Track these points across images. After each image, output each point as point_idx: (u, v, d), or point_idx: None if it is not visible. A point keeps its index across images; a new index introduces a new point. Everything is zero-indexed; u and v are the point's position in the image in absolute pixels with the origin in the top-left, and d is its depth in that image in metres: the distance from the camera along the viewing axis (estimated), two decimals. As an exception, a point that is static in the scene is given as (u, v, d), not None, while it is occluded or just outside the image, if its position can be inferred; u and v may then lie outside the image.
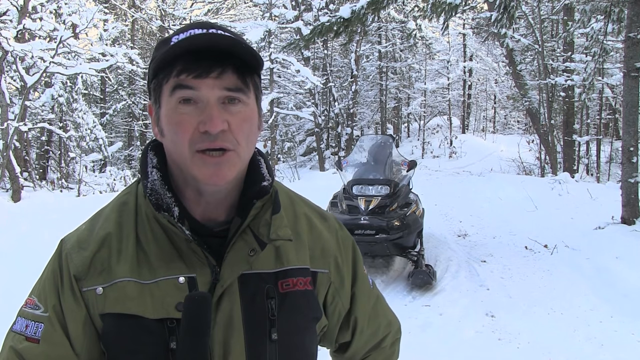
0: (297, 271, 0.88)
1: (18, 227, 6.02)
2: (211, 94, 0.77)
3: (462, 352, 3.53)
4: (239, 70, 0.78)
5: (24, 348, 0.79)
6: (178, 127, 0.77)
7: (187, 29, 0.81)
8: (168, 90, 0.78)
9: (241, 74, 0.79)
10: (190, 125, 0.77)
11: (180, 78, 0.76)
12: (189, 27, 0.81)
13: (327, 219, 0.99)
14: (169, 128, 0.79)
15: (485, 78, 26.36)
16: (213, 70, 0.76)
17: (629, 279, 4.55)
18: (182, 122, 0.77)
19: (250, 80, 0.81)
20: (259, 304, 0.84)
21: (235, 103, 0.79)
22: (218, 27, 0.81)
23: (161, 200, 0.82)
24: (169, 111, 0.78)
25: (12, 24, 10.66)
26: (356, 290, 0.99)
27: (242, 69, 0.79)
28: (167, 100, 0.78)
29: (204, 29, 0.79)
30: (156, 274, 0.81)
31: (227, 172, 0.79)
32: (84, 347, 0.81)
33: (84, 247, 0.84)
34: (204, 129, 0.76)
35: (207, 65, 0.76)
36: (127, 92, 19.65)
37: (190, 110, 0.77)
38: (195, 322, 0.72)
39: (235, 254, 0.82)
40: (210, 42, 0.76)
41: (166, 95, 0.79)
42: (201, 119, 0.76)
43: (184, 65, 0.76)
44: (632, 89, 6.13)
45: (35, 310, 0.82)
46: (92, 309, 0.80)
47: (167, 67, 0.77)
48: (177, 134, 0.78)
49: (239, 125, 0.79)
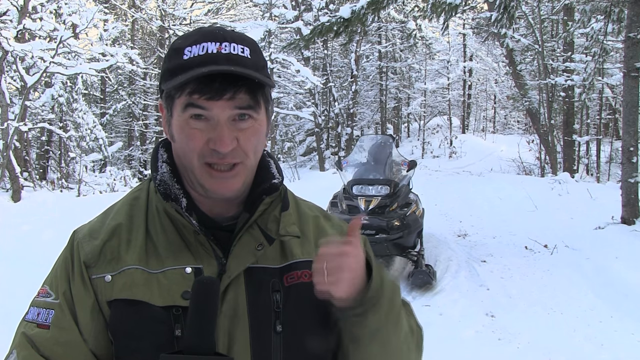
0: (302, 264, 0.89)
1: (18, 227, 6.02)
2: (222, 114, 0.79)
3: (462, 352, 3.53)
4: (251, 89, 0.80)
5: (35, 334, 0.81)
6: (188, 139, 0.80)
7: (199, 40, 0.80)
8: (180, 105, 0.80)
9: (253, 92, 0.80)
10: (201, 140, 0.80)
11: (192, 97, 0.78)
12: (202, 39, 0.80)
13: (331, 219, 1.02)
14: (180, 137, 0.82)
15: (485, 78, 26.36)
16: (226, 92, 0.78)
17: (629, 279, 4.55)
18: (193, 136, 0.80)
19: (261, 96, 0.82)
20: (264, 297, 0.85)
21: (246, 119, 0.81)
22: (230, 38, 0.81)
23: (169, 190, 0.85)
24: (181, 123, 0.81)
25: (12, 24, 10.64)
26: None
27: (254, 88, 0.80)
28: (179, 114, 0.81)
29: (217, 43, 0.80)
30: (164, 264, 0.83)
31: (234, 184, 0.83)
32: (92, 333, 0.82)
33: (95, 236, 0.86)
34: (213, 147, 0.79)
35: (220, 88, 0.77)
36: (127, 92, 19.63)
37: (201, 125, 0.80)
38: (203, 305, 0.73)
39: (242, 247, 0.85)
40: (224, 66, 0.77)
41: (178, 108, 0.81)
42: (211, 136, 0.79)
43: (197, 85, 0.77)
44: (632, 89, 6.13)
45: (47, 298, 0.84)
46: (100, 296, 0.82)
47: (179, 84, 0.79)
48: (188, 146, 0.81)
49: (248, 139, 0.82)
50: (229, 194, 0.83)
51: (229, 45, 0.80)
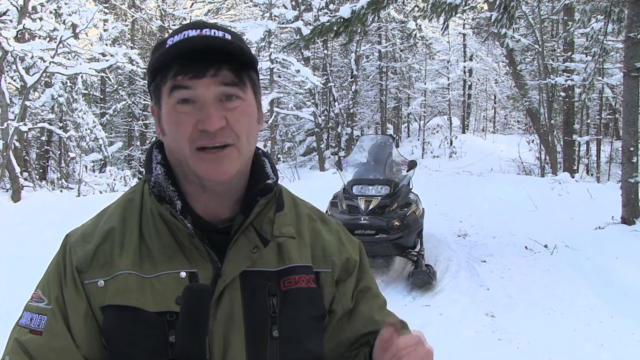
0: (300, 269, 0.88)
1: (18, 227, 6.02)
2: (208, 92, 0.79)
3: (462, 352, 3.53)
4: (234, 67, 0.80)
5: (28, 340, 0.80)
6: (178, 126, 0.80)
7: (181, 30, 0.83)
8: (166, 91, 0.80)
9: (236, 70, 0.81)
10: (189, 124, 0.79)
11: (177, 79, 0.79)
12: (183, 29, 0.83)
13: (329, 222, 1.00)
14: (169, 127, 0.81)
15: (485, 78, 26.35)
16: (208, 70, 0.78)
17: (629, 279, 4.55)
18: (181, 121, 0.79)
19: (246, 76, 0.83)
20: (261, 301, 0.84)
21: (233, 99, 0.81)
22: (212, 26, 0.83)
23: (164, 192, 0.83)
24: (169, 111, 0.81)
25: (12, 24, 10.64)
26: (361, 289, 0.98)
27: (237, 66, 0.81)
28: (166, 101, 0.81)
29: (197, 29, 0.82)
30: (158, 268, 0.82)
31: (227, 167, 0.81)
32: (85, 339, 0.81)
33: (87, 240, 0.85)
34: (202, 128, 0.78)
35: (203, 65, 0.78)
36: (127, 92, 19.63)
37: (188, 109, 0.79)
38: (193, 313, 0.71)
39: (237, 251, 0.83)
40: (203, 43, 0.79)
41: (165, 96, 0.81)
42: (199, 117, 0.78)
43: (180, 67, 0.78)
44: (632, 89, 6.13)
45: (39, 303, 0.83)
46: (93, 301, 0.81)
47: (163, 69, 0.80)
48: (177, 133, 0.80)
49: (238, 119, 0.81)
50: (223, 178, 0.81)
51: (209, 31, 0.81)
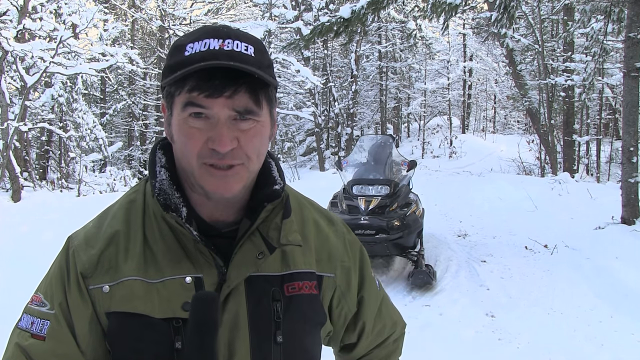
0: (304, 275, 0.88)
1: (18, 227, 6.02)
2: (222, 113, 0.76)
3: (462, 352, 3.53)
4: (252, 87, 0.76)
5: (30, 345, 0.79)
6: (188, 139, 0.77)
7: (201, 37, 0.78)
8: (180, 103, 0.77)
9: (254, 91, 0.77)
10: (200, 140, 0.77)
11: (192, 95, 0.75)
12: (204, 36, 0.78)
13: (335, 223, 0.99)
14: (179, 138, 0.79)
15: (485, 78, 26.35)
16: (225, 90, 0.75)
17: (629, 279, 4.54)
18: (192, 135, 0.77)
19: (264, 96, 0.79)
20: (265, 306, 0.83)
21: (247, 119, 0.78)
22: (234, 35, 0.78)
23: (169, 200, 0.82)
24: (180, 122, 0.78)
25: (12, 24, 10.64)
26: (364, 294, 0.99)
27: (256, 87, 0.77)
28: (179, 112, 0.78)
29: (219, 40, 0.77)
30: (163, 274, 0.81)
31: (234, 185, 0.79)
32: (90, 344, 0.81)
33: (91, 244, 0.84)
34: (212, 147, 0.76)
35: (220, 85, 0.74)
36: (127, 92, 19.63)
37: (200, 124, 0.76)
38: (203, 321, 0.71)
39: (242, 256, 0.82)
40: (223, 61, 0.74)
41: (178, 107, 0.78)
42: (210, 135, 0.76)
43: (197, 82, 0.75)
44: (632, 89, 6.13)
45: (41, 307, 0.82)
46: (98, 307, 0.80)
47: (179, 80, 0.76)
48: (187, 146, 0.78)
49: (250, 140, 0.78)
50: (229, 195, 0.79)
51: (232, 43, 0.77)
